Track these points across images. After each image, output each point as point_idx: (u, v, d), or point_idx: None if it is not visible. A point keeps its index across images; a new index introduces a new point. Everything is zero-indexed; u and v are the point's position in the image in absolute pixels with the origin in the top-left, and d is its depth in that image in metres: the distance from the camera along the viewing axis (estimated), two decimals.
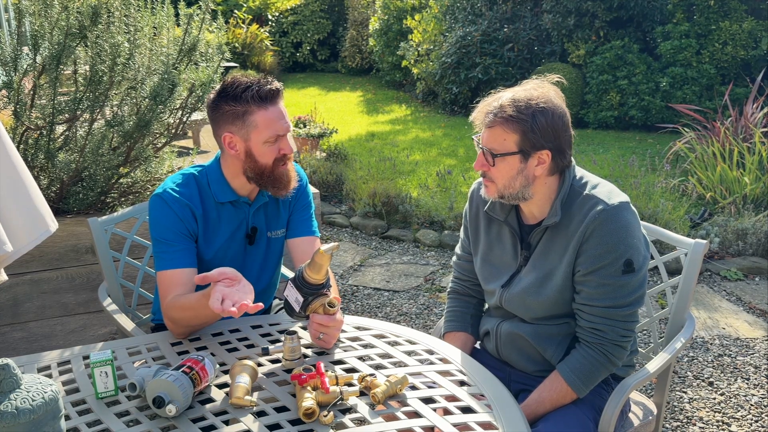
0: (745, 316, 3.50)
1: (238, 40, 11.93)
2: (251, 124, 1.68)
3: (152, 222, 1.75)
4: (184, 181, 1.78)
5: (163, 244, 1.72)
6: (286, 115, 1.73)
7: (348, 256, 4.45)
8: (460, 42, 8.85)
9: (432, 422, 1.30)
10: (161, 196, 1.74)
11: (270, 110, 1.69)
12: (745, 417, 2.62)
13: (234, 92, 1.68)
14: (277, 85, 1.71)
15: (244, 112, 1.68)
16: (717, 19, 7.43)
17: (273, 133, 1.69)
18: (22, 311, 2.73)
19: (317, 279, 1.50)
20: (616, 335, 1.58)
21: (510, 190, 1.60)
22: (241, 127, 1.69)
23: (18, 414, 1.10)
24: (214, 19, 3.40)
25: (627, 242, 1.54)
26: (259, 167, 1.72)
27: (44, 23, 2.85)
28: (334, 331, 1.59)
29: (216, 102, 1.72)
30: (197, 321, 1.64)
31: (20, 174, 1.75)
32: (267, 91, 1.68)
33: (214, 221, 1.80)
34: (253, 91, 1.67)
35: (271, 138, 1.69)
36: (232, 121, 1.70)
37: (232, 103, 1.68)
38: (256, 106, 1.67)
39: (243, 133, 1.70)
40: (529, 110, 1.53)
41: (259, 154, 1.71)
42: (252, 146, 1.70)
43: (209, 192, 1.79)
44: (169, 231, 1.72)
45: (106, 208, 3.20)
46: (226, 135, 1.72)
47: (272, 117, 1.69)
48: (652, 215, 4.35)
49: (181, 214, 1.73)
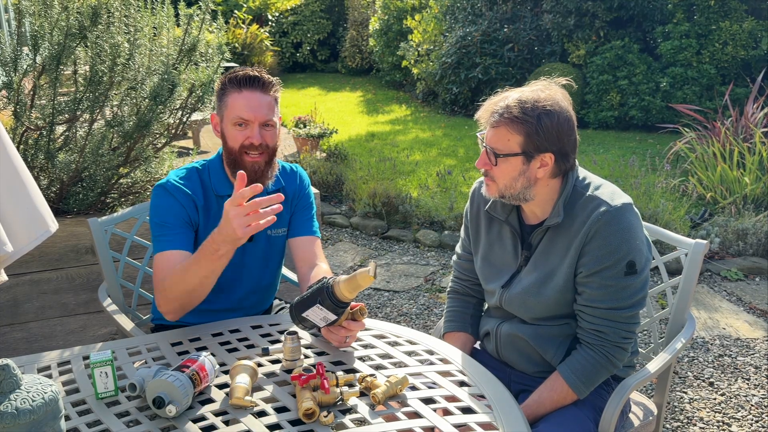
0: (746, 316, 3.50)
1: (238, 41, 11.93)
2: (225, 104, 1.78)
3: (153, 209, 1.78)
4: (187, 174, 1.83)
5: (162, 227, 1.74)
6: (262, 106, 1.75)
7: (348, 257, 4.45)
8: (460, 42, 8.85)
9: (432, 423, 1.30)
10: (164, 185, 1.78)
11: (243, 94, 1.74)
12: (746, 417, 2.62)
13: (226, 76, 1.79)
14: (258, 74, 1.76)
15: (224, 92, 1.78)
16: (717, 19, 7.43)
17: (236, 114, 1.74)
18: (22, 311, 2.73)
19: (351, 297, 1.49)
20: (617, 337, 1.58)
21: (511, 191, 1.59)
22: (220, 106, 1.80)
23: (18, 414, 1.10)
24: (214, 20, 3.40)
25: (630, 244, 1.53)
26: (228, 150, 1.79)
27: (44, 23, 2.85)
28: (356, 334, 1.61)
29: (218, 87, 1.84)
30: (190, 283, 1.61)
31: (20, 174, 1.75)
32: (244, 76, 1.75)
33: (214, 214, 1.81)
34: (235, 74, 1.77)
35: (236, 119, 1.74)
36: (217, 102, 1.81)
37: (220, 86, 1.79)
38: (232, 88, 1.76)
39: (220, 112, 1.80)
40: (535, 112, 1.52)
41: (229, 137, 1.77)
42: (224, 126, 1.79)
43: (210, 185, 1.82)
44: (169, 215, 1.75)
45: (106, 209, 3.20)
46: (213, 114, 1.83)
47: (243, 101, 1.74)
48: (653, 215, 4.35)
49: (183, 202, 1.77)
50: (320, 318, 1.51)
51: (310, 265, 1.88)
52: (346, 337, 1.57)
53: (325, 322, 1.52)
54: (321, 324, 1.54)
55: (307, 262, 1.89)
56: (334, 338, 1.58)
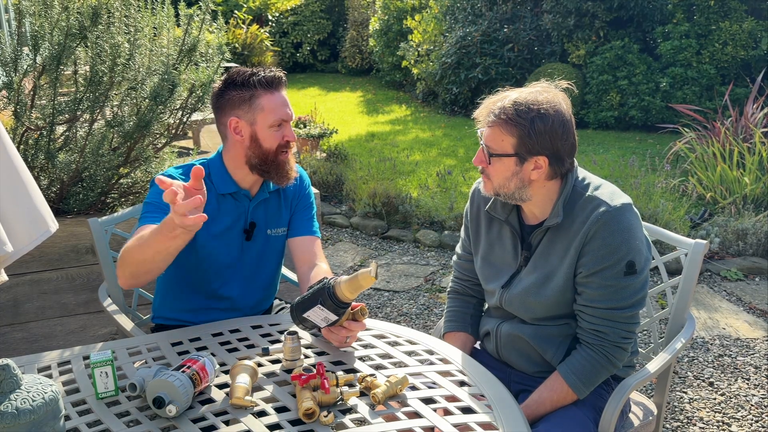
0: (745, 316, 3.50)
1: (238, 41, 11.93)
2: (258, 107, 1.73)
3: (149, 194, 1.75)
4: (185, 170, 1.80)
5: (150, 205, 1.71)
6: (289, 104, 1.78)
7: (348, 257, 4.45)
8: (460, 42, 8.85)
9: (432, 423, 1.30)
10: (163, 173, 1.74)
11: (276, 95, 1.75)
12: (746, 417, 2.62)
13: (241, 78, 1.75)
14: (281, 73, 1.77)
15: (251, 95, 1.73)
16: (717, 20, 7.43)
17: (278, 117, 1.74)
18: (23, 311, 2.73)
19: (353, 298, 1.49)
20: (617, 337, 1.58)
21: (505, 190, 1.60)
22: (247, 110, 1.74)
23: (18, 414, 1.10)
24: (214, 20, 3.40)
25: (629, 244, 1.53)
26: (263, 152, 1.75)
27: (44, 23, 2.85)
28: (357, 334, 1.61)
29: (222, 89, 1.77)
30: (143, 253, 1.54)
31: (20, 174, 1.75)
32: (272, 77, 1.74)
33: (212, 211, 1.80)
34: (260, 76, 1.74)
35: (275, 122, 1.74)
36: (239, 105, 1.74)
37: (239, 88, 1.74)
38: (263, 90, 1.73)
39: (249, 116, 1.74)
40: (529, 115, 1.52)
41: (263, 138, 1.75)
42: (258, 130, 1.75)
43: (211, 184, 1.81)
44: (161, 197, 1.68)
45: (106, 209, 3.20)
46: (232, 119, 1.76)
47: (278, 102, 1.74)
48: (653, 215, 4.35)
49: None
50: (321, 318, 1.52)
51: (310, 265, 1.88)
52: (347, 337, 1.57)
53: (326, 322, 1.53)
54: (322, 324, 1.54)
55: (307, 263, 1.89)
56: (334, 338, 1.58)
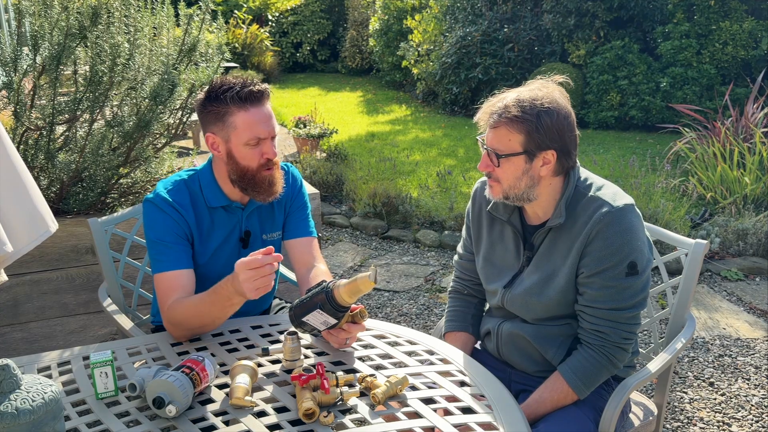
0: (746, 316, 3.50)
1: (238, 41, 11.94)
2: (230, 125, 1.67)
3: (148, 225, 1.74)
4: (175, 187, 1.76)
5: (160, 245, 1.70)
6: (271, 119, 1.70)
7: (348, 257, 4.45)
8: (460, 42, 8.85)
9: (432, 423, 1.30)
10: (153, 201, 1.73)
11: (251, 112, 1.66)
12: (746, 417, 2.62)
13: (216, 93, 1.67)
14: (260, 88, 1.68)
15: (225, 113, 1.67)
16: (717, 19, 7.43)
17: (252, 135, 1.67)
18: (22, 312, 2.73)
19: (352, 302, 1.49)
20: (618, 337, 1.58)
21: (515, 191, 1.59)
22: (221, 128, 1.68)
23: (18, 414, 1.10)
24: (214, 20, 3.40)
25: (631, 244, 1.53)
26: (240, 169, 1.70)
27: (44, 23, 2.85)
28: (356, 335, 1.61)
29: (201, 102, 1.72)
30: (202, 321, 1.63)
31: (20, 174, 1.75)
32: (248, 93, 1.65)
33: (207, 226, 1.79)
34: (234, 92, 1.65)
35: (251, 140, 1.67)
36: (213, 122, 1.69)
37: (214, 103, 1.68)
38: (236, 107, 1.66)
39: (223, 134, 1.69)
40: (534, 110, 1.52)
41: (240, 157, 1.69)
42: (232, 147, 1.69)
43: (201, 197, 1.78)
44: (165, 232, 1.71)
45: (106, 209, 3.20)
46: (208, 135, 1.72)
47: (253, 119, 1.66)
48: (653, 215, 4.35)
49: (175, 217, 1.72)
50: (320, 322, 1.52)
51: (308, 267, 1.87)
52: (346, 339, 1.58)
53: (326, 326, 1.53)
54: (321, 328, 1.54)
55: (305, 264, 1.88)
56: (334, 340, 1.58)
